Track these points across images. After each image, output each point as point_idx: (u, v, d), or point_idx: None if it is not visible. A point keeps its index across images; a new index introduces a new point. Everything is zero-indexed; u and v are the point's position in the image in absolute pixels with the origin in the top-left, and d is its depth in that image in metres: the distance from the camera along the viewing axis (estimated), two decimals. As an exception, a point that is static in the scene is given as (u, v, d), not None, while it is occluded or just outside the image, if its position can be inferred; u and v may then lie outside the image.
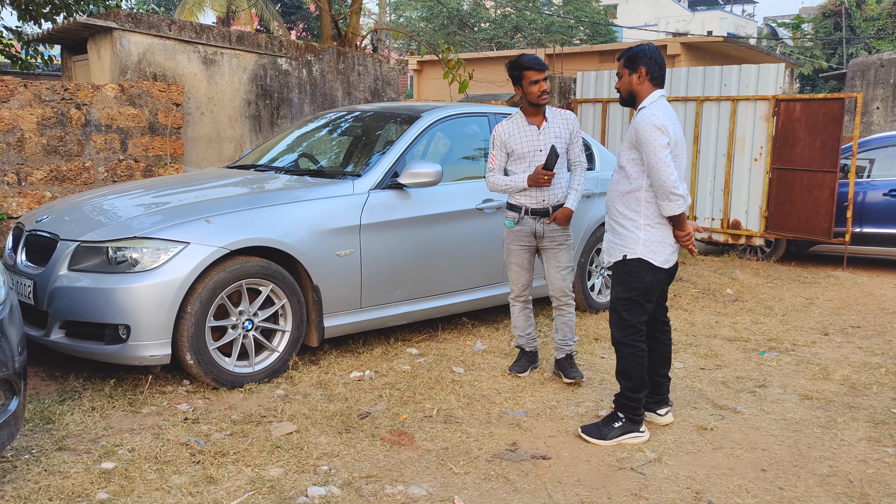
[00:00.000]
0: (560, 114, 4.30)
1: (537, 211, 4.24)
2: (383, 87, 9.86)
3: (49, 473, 3.05)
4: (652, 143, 3.38)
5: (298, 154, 5.52)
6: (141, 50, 7.55)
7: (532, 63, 4.12)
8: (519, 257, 4.35)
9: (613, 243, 3.62)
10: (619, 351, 3.64)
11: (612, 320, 3.65)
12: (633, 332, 3.57)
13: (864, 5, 27.90)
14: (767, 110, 8.30)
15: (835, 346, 5.32)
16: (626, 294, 3.55)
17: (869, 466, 3.37)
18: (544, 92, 4.14)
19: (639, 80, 3.56)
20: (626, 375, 3.61)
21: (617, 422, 3.60)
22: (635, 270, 3.52)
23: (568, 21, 26.40)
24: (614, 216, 3.62)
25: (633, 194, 3.52)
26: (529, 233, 4.29)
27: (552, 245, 4.29)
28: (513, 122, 4.26)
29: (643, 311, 3.57)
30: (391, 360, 4.65)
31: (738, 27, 44.79)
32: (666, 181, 3.37)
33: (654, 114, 3.44)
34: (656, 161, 3.38)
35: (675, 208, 3.42)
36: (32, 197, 6.37)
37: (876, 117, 14.38)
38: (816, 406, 4.10)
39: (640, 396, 3.61)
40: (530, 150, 4.20)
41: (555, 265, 4.32)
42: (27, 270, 4.09)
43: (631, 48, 3.63)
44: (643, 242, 3.50)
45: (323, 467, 3.20)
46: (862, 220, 8.21)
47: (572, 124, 4.31)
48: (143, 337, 3.77)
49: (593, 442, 3.56)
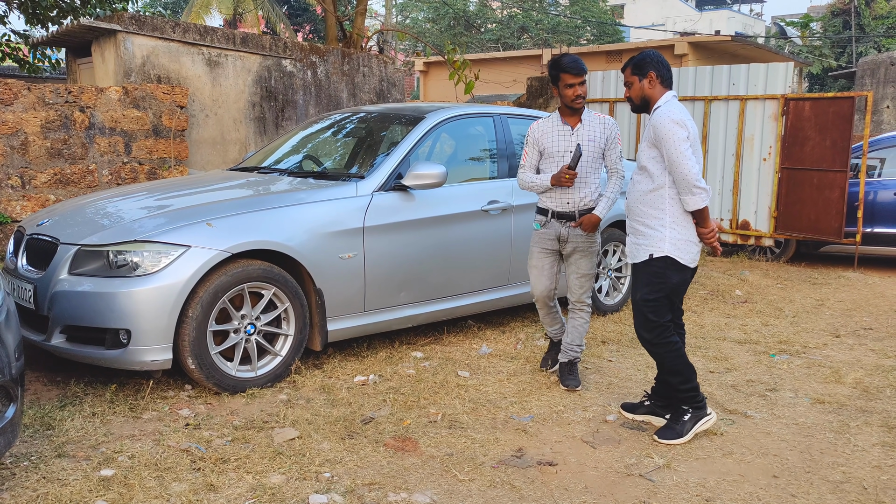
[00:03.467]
0: (599, 118, 4.24)
1: (563, 214, 4.20)
2: (388, 89, 9.82)
3: (48, 481, 3.01)
4: (671, 137, 3.39)
5: (302, 156, 5.47)
6: (145, 52, 7.53)
7: (570, 66, 4.08)
8: (539, 261, 4.30)
9: (637, 244, 3.59)
10: (653, 353, 3.62)
11: (638, 322, 3.60)
12: (661, 330, 3.55)
13: (874, 3, 27.70)
14: (776, 109, 8.21)
15: (847, 348, 5.24)
16: (651, 295, 3.52)
17: (883, 473, 3.30)
18: (579, 96, 4.11)
19: (650, 85, 3.58)
20: (672, 372, 3.59)
21: (685, 415, 3.59)
22: (661, 271, 3.50)
23: (575, 21, 26.31)
24: (638, 216, 3.59)
25: (657, 192, 3.51)
26: (554, 236, 4.24)
27: (575, 251, 4.24)
28: (548, 121, 4.24)
29: (668, 310, 3.56)
30: (395, 364, 4.59)
31: (746, 26, 44.57)
32: (688, 174, 3.37)
33: (671, 110, 3.46)
34: (677, 155, 3.38)
35: (699, 202, 3.41)
36: (36, 200, 6.35)
37: (886, 116, 14.25)
38: (829, 410, 4.02)
39: (695, 383, 3.60)
40: (560, 149, 4.17)
41: (575, 271, 4.28)
42: (28, 274, 4.06)
43: (634, 57, 3.66)
44: (670, 241, 3.48)
45: (325, 474, 3.14)
46: (873, 219, 8.11)
47: (610, 129, 4.24)
48: (144, 341, 3.72)
49: (673, 443, 3.53)
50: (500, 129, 5.35)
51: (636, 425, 3.78)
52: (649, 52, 3.64)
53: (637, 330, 3.65)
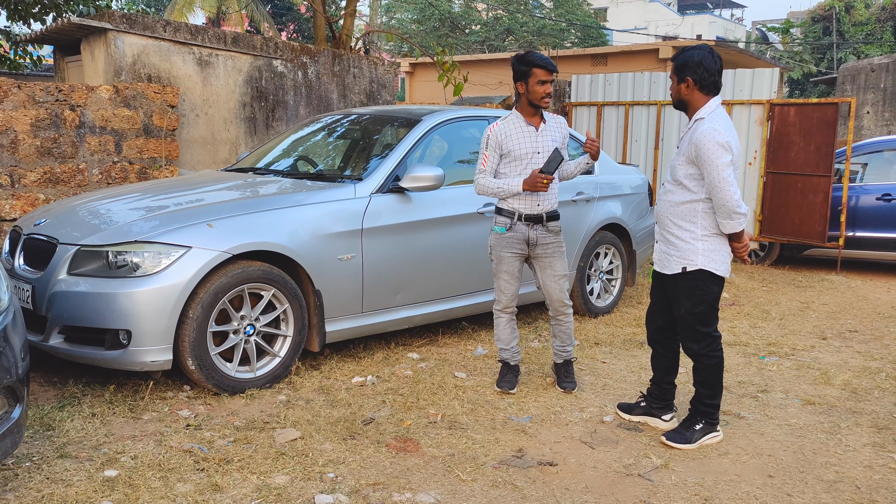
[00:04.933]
0: (553, 117, 4.20)
1: (531, 217, 4.09)
2: (378, 90, 9.83)
3: (51, 482, 3.01)
4: (715, 161, 3.27)
5: (298, 157, 5.48)
6: (135, 51, 7.49)
7: (543, 62, 3.98)
8: (511, 265, 4.15)
9: (668, 254, 3.53)
10: (698, 362, 3.59)
11: (686, 335, 3.57)
12: (710, 341, 3.53)
13: (853, 10, 28.11)
14: (762, 114, 8.34)
15: (834, 350, 5.34)
16: (697, 308, 3.49)
17: (875, 472, 3.38)
18: (548, 94, 4.03)
19: (687, 90, 3.43)
20: (707, 384, 3.59)
21: (697, 424, 3.61)
22: (701, 283, 3.46)
23: (559, 24, 26.46)
24: (668, 227, 3.53)
25: (690, 205, 3.44)
26: (522, 240, 4.11)
27: (546, 253, 4.14)
28: (509, 122, 4.09)
29: (715, 318, 3.55)
30: (393, 365, 4.62)
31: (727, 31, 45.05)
32: (729, 201, 3.29)
33: (717, 129, 3.30)
34: (720, 181, 3.28)
35: (737, 226, 3.36)
36: (26, 199, 6.30)
37: (866, 122, 14.48)
38: (819, 411, 4.11)
39: (718, 402, 3.62)
40: (528, 151, 4.05)
41: (550, 274, 4.17)
42: (25, 274, 4.04)
43: (680, 53, 3.46)
44: (702, 253, 3.43)
45: (329, 475, 3.17)
46: (855, 224, 8.26)
47: (565, 128, 4.23)
48: (144, 342, 3.72)
49: (680, 447, 3.55)
50: (495, 132, 5.38)
51: (633, 426, 3.84)
52: (695, 51, 3.40)
53: (684, 343, 3.61)
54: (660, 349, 3.78)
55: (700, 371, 3.60)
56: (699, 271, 3.44)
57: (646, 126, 9.25)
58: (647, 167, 9.13)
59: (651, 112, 9.19)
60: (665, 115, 9.07)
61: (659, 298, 3.72)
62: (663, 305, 3.69)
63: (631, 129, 9.37)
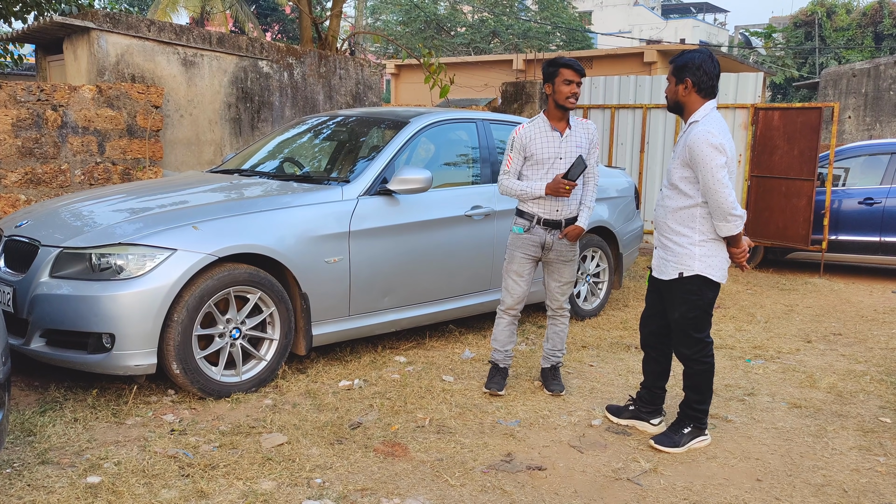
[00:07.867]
0: (583, 123, 4.18)
1: (549, 222, 4.11)
2: (365, 91, 9.80)
3: (33, 488, 2.95)
4: (709, 163, 3.27)
5: (285, 159, 5.44)
6: (119, 51, 7.41)
7: (571, 62, 4.02)
8: (521, 266, 4.19)
9: (665, 260, 3.53)
10: (689, 367, 3.59)
11: (678, 339, 3.58)
12: (702, 346, 3.53)
13: (835, 16, 28.43)
14: (746, 119, 8.40)
15: (818, 353, 5.37)
16: (691, 314, 3.49)
17: (862, 475, 3.39)
18: (574, 95, 4.01)
19: (685, 92, 3.44)
20: (696, 389, 3.59)
21: (686, 428, 3.61)
22: (696, 289, 3.45)
23: (545, 27, 26.53)
24: (665, 233, 3.53)
25: (688, 210, 3.43)
26: (538, 243, 4.15)
27: (559, 259, 4.19)
28: (535, 126, 4.10)
29: (709, 324, 3.55)
30: (380, 368, 4.59)
31: (710, 35, 45.40)
32: (724, 202, 3.29)
33: (710, 131, 3.30)
34: (714, 182, 3.28)
35: (733, 228, 3.35)
36: (7, 200, 6.21)
37: (848, 126, 14.63)
38: (806, 414, 4.12)
39: (707, 407, 3.62)
40: (550, 156, 4.06)
41: (557, 279, 4.23)
42: (6, 277, 3.97)
43: (679, 55, 3.47)
44: (699, 258, 3.42)
45: (317, 480, 3.13)
46: (838, 227, 8.32)
47: (592, 134, 4.18)
48: (128, 346, 3.67)
49: (668, 451, 3.55)
50: (483, 134, 5.38)
51: (621, 430, 3.84)
52: (695, 54, 3.40)
53: (675, 347, 3.61)
54: (653, 353, 3.78)
55: (690, 376, 3.60)
56: (695, 277, 3.44)
57: (631, 129, 9.29)
58: (632, 170, 9.17)
59: (637, 115, 9.23)
60: (651, 119, 9.11)
61: (654, 303, 3.72)
62: (658, 310, 3.69)
63: (617, 132, 9.40)
